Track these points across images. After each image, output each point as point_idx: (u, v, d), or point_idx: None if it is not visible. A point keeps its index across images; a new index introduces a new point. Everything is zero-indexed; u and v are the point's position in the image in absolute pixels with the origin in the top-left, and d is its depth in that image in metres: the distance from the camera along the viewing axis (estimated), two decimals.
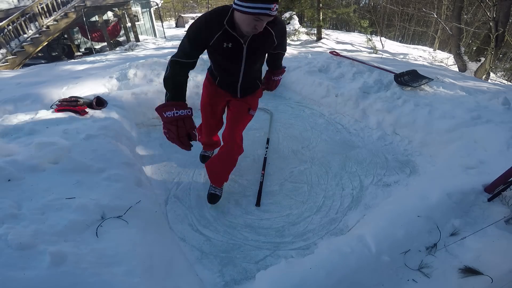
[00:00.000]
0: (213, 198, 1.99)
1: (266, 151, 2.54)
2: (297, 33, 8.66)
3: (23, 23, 7.97)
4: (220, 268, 1.59)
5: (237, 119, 1.85)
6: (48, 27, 8.39)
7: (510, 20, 6.63)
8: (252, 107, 1.84)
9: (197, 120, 1.71)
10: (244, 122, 1.90)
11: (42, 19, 8.26)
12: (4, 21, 7.58)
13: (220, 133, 2.10)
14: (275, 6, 1.22)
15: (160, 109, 1.36)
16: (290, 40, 8.53)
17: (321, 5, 8.09)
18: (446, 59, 8.94)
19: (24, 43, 8.03)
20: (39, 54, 9.62)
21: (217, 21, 1.33)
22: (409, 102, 2.79)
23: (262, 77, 1.89)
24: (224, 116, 2.00)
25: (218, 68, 1.65)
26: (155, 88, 3.17)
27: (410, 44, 15.49)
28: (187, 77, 1.46)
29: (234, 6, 1.27)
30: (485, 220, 1.43)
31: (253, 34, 1.35)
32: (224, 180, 2.03)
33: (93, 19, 10.39)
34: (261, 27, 1.29)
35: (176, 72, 1.40)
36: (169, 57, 1.42)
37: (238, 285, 1.50)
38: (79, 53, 10.28)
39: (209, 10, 1.42)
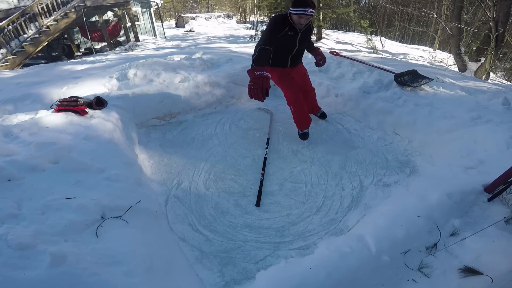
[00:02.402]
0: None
1: (266, 151, 2.54)
2: None
3: (23, 23, 7.97)
4: (220, 268, 1.59)
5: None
6: (48, 27, 8.39)
7: (510, 20, 6.63)
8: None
9: None
10: None
11: (42, 19, 8.26)
12: (4, 21, 7.58)
13: None
14: (309, 10, 2.11)
15: (252, 70, 1.98)
16: None
17: (321, 5, 8.10)
18: (446, 59, 8.95)
19: (24, 43, 8.03)
20: (39, 54, 9.61)
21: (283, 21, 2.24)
22: (409, 102, 2.79)
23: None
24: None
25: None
26: (155, 88, 3.16)
27: (410, 44, 15.51)
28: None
29: (289, 11, 2.21)
30: (485, 220, 1.43)
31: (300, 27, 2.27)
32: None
33: (93, 19, 10.39)
34: (304, 22, 2.20)
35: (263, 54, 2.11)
36: (169, 56, 1.45)
37: (238, 285, 1.50)
38: (79, 53, 10.30)
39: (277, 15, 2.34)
